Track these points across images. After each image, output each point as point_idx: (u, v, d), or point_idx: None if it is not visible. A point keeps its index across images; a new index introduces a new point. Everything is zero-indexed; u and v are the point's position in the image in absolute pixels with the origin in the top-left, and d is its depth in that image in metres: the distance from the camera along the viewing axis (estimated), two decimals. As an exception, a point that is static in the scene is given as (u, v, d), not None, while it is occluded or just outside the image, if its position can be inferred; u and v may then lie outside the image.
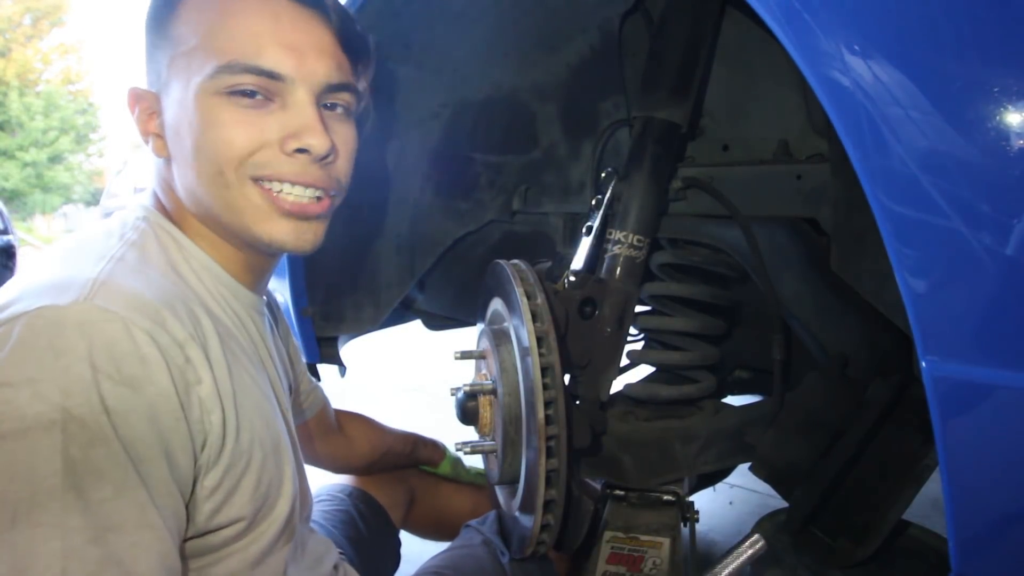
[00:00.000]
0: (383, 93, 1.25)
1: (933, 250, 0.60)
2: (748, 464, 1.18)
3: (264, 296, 0.89)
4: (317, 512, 1.21)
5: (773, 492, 1.17)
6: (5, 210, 6.35)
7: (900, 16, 0.60)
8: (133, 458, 0.57)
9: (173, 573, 0.61)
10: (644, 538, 1.08)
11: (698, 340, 1.23)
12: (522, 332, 0.93)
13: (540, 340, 0.93)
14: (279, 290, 1.37)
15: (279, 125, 0.72)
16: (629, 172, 1.14)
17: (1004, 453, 0.61)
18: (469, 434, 1.10)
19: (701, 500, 1.98)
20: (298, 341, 1.38)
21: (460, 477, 1.46)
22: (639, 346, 1.34)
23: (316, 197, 0.76)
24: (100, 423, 0.55)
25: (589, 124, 1.42)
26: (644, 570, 1.04)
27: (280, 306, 1.06)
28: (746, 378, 1.51)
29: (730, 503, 2.09)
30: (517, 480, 1.01)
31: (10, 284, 0.62)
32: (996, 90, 0.56)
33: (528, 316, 0.93)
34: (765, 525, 1.20)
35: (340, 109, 0.79)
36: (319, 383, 1.22)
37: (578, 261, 1.13)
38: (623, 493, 1.17)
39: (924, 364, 0.61)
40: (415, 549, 1.40)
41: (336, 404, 1.29)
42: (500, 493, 1.15)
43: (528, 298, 0.96)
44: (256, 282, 0.83)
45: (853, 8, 0.62)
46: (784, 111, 1.20)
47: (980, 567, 0.64)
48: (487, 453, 1.06)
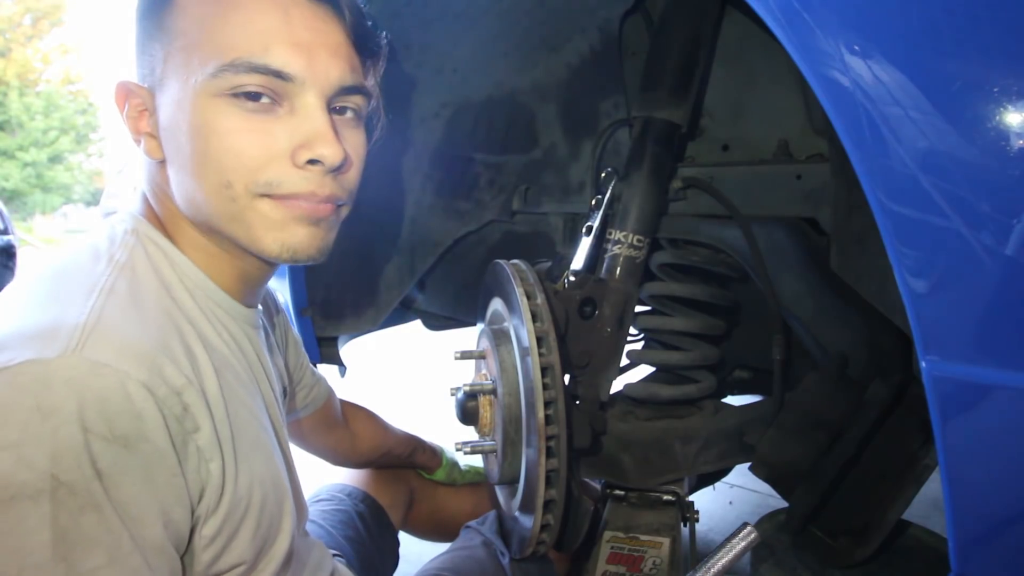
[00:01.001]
0: (383, 93, 1.25)
1: (933, 250, 0.60)
2: (748, 464, 1.18)
3: (259, 306, 0.85)
4: (316, 512, 1.21)
5: (773, 492, 1.16)
6: (5, 210, 6.34)
7: (900, 16, 0.60)
8: (126, 522, 0.55)
9: None
10: (644, 538, 1.09)
11: (698, 340, 1.23)
12: (522, 332, 0.93)
13: (540, 340, 0.93)
14: (279, 290, 1.37)
15: (288, 132, 0.67)
16: (629, 172, 1.14)
17: (1004, 453, 0.61)
18: (469, 434, 1.10)
19: (701, 500, 1.98)
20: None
21: (455, 482, 1.45)
22: (639, 346, 1.34)
23: (324, 201, 0.72)
24: (91, 489, 0.52)
25: (589, 124, 1.42)
26: (644, 570, 1.04)
27: (278, 301, 1.05)
28: (746, 378, 1.51)
29: (730, 503, 2.09)
30: (517, 480, 1.01)
31: None
32: (996, 90, 0.56)
33: (528, 316, 0.93)
34: (765, 525, 1.20)
35: (350, 113, 0.73)
36: (323, 376, 1.21)
37: (578, 261, 1.13)
38: (623, 493, 1.17)
39: (924, 364, 0.61)
40: (415, 550, 1.40)
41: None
42: (500, 493, 1.15)
43: (528, 298, 0.96)
44: (251, 294, 0.79)
45: (853, 8, 0.62)
46: (784, 111, 1.20)
47: (980, 567, 0.64)
48: (487, 453, 1.06)
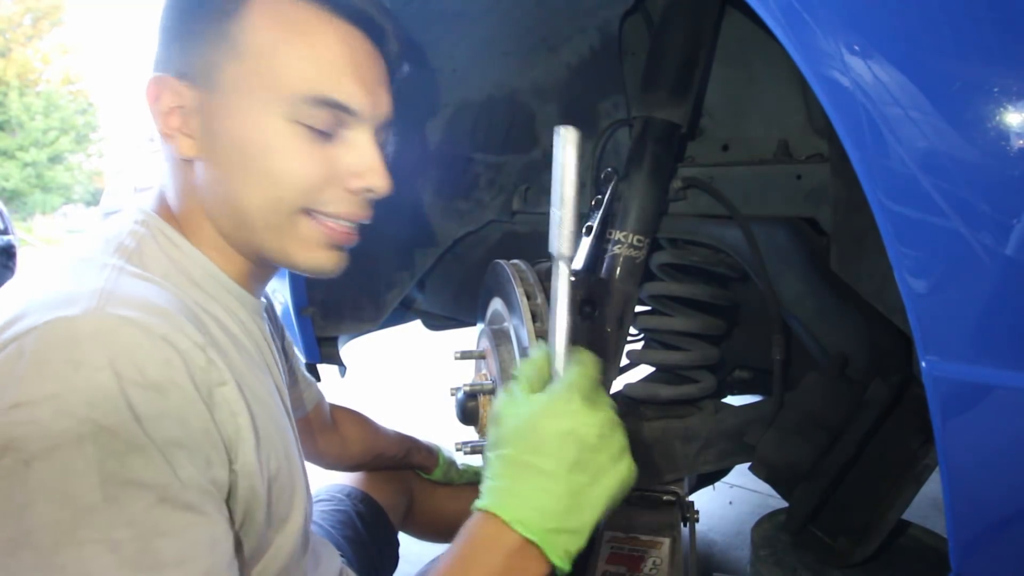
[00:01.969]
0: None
1: (933, 250, 0.60)
2: (748, 464, 1.18)
3: (264, 299, 0.88)
4: (316, 513, 1.21)
5: (773, 492, 1.17)
6: (5, 210, 6.35)
7: (900, 16, 0.60)
8: (171, 462, 0.55)
9: (233, 568, 0.59)
10: (644, 538, 1.09)
11: (698, 340, 1.23)
12: (522, 332, 0.94)
13: (540, 340, 0.93)
14: (279, 290, 1.37)
15: (344, 162, 0.72)
16: (629, 172, 1.14)
17: (1004, 453, 0.61)
18: (469, 434, 1.10)
19: (701, 500, 1.98)
20: (298, 341, 1.38)
21: (453, 481, 1.44)
22: (639, 346, 1.34)
23: (356, 228, 0.77)
24: (132, 431, 0.53)
25: (589, 124, 1.42)
26: (644, 570, 1.04)
27: (272, 303, 1.05)
28: (746, 378, 1.51)
29: (730, 503, 2.09)
30: (517, 480, 1.01)
31: (6, 300, 0.59)
32: (996, 90, 0.56)
33: (528, 316, 0.93)
34: (765, 525, 1.20)
35: (382, 140, 0.79)
36: (314, 380, 1.22)
37: (578, 261, 1.13)
38: (623, 493, 1.17)
39: (924, 364, 0.61)
40: (415, 550, 1.40)
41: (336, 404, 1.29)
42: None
43: (528, 298, 0.96)
44: (258, 287, 0.82)
45: (853, 8, 0.62)
46: (784, 111, 1.20)
47: (980, 567, 0.64)
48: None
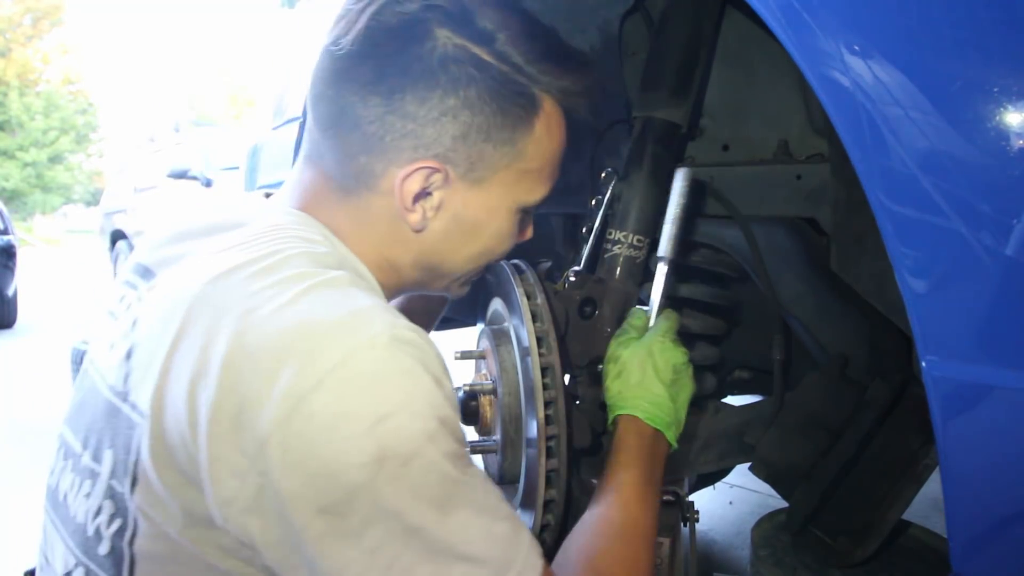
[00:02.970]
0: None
1: (933, 250, 0.60)
2: (748, 464, 1.18)
3: None
4: None
5: (773, 492, 1.17)
6: (5, 210, 6.34)
7: (900, 16, 0.60)
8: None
9: None
10: (644, 538, 1.08)
11: (698, 340, 1.23)
12: (522, 332, 0.93)
13: (540, 340, 0.93)
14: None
15: (522, 235, 0.89)
16: (629, 172, 1.14)
17: (1004, 453, 0.61)
18: (469, 434, 1.10)
19: (701, 500, 1.98)
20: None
21: None
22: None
23: None
24: (455, 420, 0.63)
25: (589, 124, 1.42)
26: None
27: None
28: (746, 378, 1.51)
29: (730, 503, 2.09)
30: (517, 480, 1.01)
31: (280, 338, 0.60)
32: (996, 90, 0.56)
33: (528, 316, 0.93)
34: (765, 525, 1.20)
35: None
36: None
37: (578, 261, 1.13)
38: (623, 493, 1.17)
39: (924, 364, 0.61)
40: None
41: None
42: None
43: (528, 298, 0.96)
44: None
45: (853, 8, 0.62)
46: (784, 111, 1.20)
47: (980, 567, 0.64)
48: (487, 453, 1.06)
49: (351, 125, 0.73)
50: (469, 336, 1.34)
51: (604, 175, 1.18)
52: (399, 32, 0.71)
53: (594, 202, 1.16)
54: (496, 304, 1.10)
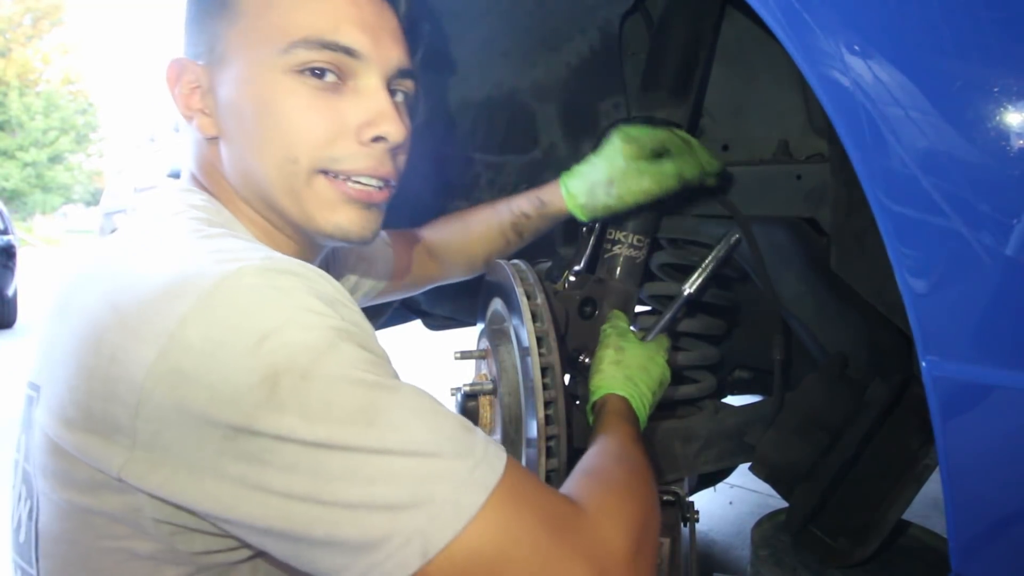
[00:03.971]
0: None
1: (933, 250, 0.60)
2: (748, 464, 1.18)
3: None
4: None
5: (773, 492, 1.16)
6: (5, 210, 6.34)
7: (900, 16, 0.60)
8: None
9: None
10: (644, 538, 1.08)
11: (698, 340, 1.23)
12: (522, 332, 0.93)
13: (540, 340, 0.93)
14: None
15: (354, 110, 0.70)
16: (629, 172, 1.13)
17: (1004, 453, 0.61)
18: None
19: (701, 500, 1.98)
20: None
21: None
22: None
23: (379, 186, 0.75)
24: (363, 336, 0.58)
25: (589, 124, 1.42)
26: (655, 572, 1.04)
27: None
28: (746, 378, 1.51)
29: (730, 503, 2.09)
30: (517, 480, 1.01)
31: (145, 279, 0.57)
32: (996, 90, 0.56)
33: (528, 316, 0.93)
34: (765, 525, 1.20)
35: (401, 96, 0.77)
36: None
37: (578, 261, 1.13)
38: (623, 493, 1.17)
39: (924, 364, 0.61)
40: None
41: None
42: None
43: (528, 298, 0.96)
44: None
45: (853, 8, 0.62)
46: (784, 111, 1.20)
47: (980, 567, 0.64)
48: (487, 453, 1.06)
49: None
50: (469, 336, 1.34)
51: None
52: None
53: (594, 202, 1.16)
54: (496, 304, 1.10)
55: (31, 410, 0.65)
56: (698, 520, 1.13)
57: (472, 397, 1.06)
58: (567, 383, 1.01)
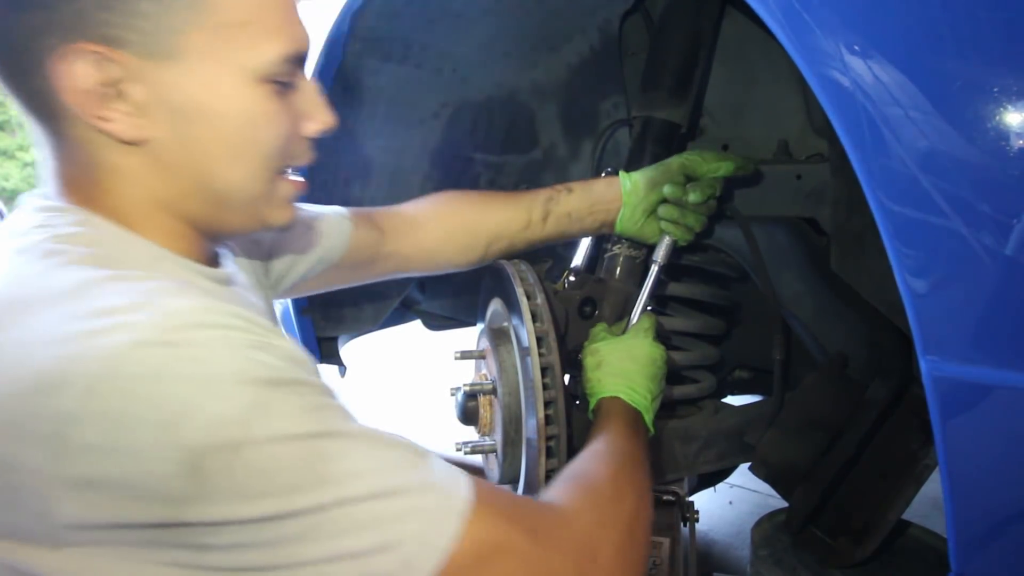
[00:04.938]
0: (384, 93, 1.25)
1: (933, 250, 0.60)
2: (748, 464, 1.18)
3: (227, 262, 0.78)
4: None
5: (773, 492, 1.17)
6: (5, 210, 6.34)
7: (900, 16, 0.60)
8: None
9: None
10: (644, 538, 1.08)
11: (698, 340, 1.23)
12: (522, 332, 0.94)
13: (540, 340, 0.93)
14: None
15: (302, 108, 0.68)
16: (629, 172, 1.14)
17: (1004, 453, 0.61)
18: (469, 434, 1.10)
19: (701, 500, 1.98)
20: (298, 342, 1.38)
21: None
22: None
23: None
24: (295, 372, 0.54)
25: (589, 124, 1.42)
26: (644, 570, 1.04)
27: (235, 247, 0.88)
28: (746, 378, 1.51)
29: (730, 503, 2.09)
30: (517, 480, 1.01)
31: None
32: (996, 90, 0.56)
33: (528, 316, 0.93)
34: (765, 525, 1.20)
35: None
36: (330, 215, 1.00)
37: (578, 261, 1.13)
38: (623, 493, 1.17)
39: (924, 364, 0.61)
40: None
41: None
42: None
43: (528, 298, 0.96)
44: (213, 260, 0.74)
45: (852, 8, 0.62)
46: (784, 111, 1.20)
47: (980, 567, 0.64)
48: (487, 453, 1.06)
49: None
50: (469, 336, 1.34)
51: (604, 175, 1.18)
52: None
53: (594, 202, 1.16)
54: (496, 304, 1.10)
55: None
56: (698, 520, 1.13)
57: (472, 397, 1.06)
58: (567, 383, 1.01)
